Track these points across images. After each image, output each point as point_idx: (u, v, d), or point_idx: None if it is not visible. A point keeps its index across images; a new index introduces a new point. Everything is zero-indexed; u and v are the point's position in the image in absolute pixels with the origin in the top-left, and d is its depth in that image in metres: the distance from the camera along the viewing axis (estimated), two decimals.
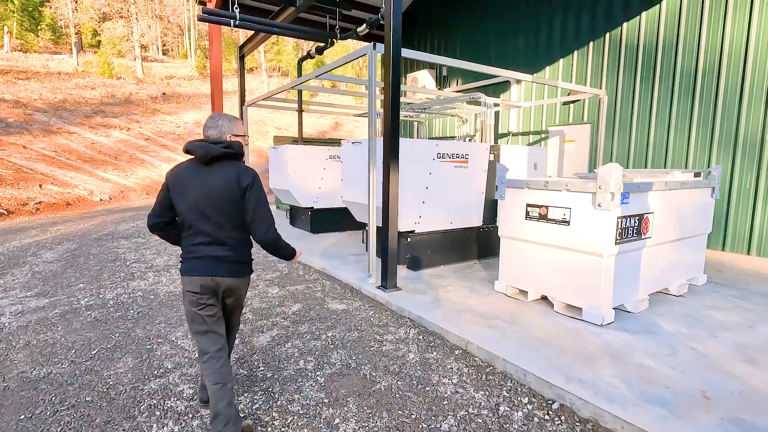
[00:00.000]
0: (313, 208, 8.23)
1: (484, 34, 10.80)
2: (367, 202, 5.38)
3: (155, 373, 3.04)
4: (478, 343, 3.31)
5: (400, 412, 2.57)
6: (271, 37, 10.03)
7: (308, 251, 6.71)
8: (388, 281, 4.60)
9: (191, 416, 2.54)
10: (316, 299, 4.65)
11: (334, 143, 11.18)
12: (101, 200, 14.58)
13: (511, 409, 2.60)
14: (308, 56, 9.23)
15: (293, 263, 3.02)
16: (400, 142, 4.62)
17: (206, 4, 10.22)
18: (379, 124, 6.21)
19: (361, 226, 8.31)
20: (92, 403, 2.67)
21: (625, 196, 3.67)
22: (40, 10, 35.18)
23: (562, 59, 9.12)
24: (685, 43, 7.16)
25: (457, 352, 3.36)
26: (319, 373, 3.04)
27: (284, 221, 9.77)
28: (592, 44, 8.55)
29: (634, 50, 7.87)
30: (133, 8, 37.09)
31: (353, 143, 5.88)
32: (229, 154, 2.23)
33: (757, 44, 6.39)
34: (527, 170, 6.46)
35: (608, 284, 3.68)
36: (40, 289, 5.06)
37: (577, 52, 8.82)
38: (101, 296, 4.76)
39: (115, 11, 39.31)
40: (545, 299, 4.29)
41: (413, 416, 2.53)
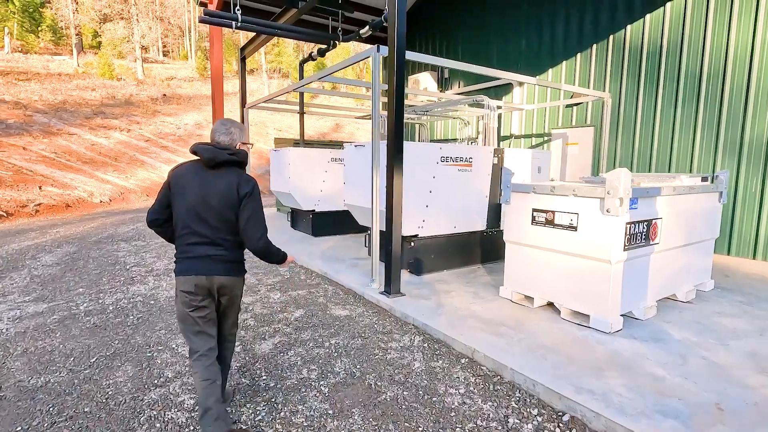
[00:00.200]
0: (314, 211, 8.17)
1: (485, 36, 10.75)
2: (370, 205, 5.32)
3: (155, 382, 2.98)
4: (484, 351, 3.25)
5: (406, 424, 2.51)
6: (272, 38, 9.98)
7: (309, 254, 6.65)
8: (391, 286, 4.54)
9: (192, 428, 2.47)
10: (318, 305, 4.59)
11: (335, 146, 11.12)
12: (101, 202, 14.52)
13: (520, 421, 2.54)
14: (310, 58, 9.18)
15: (284, 267, 3.05)
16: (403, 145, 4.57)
17: (207, 5, 10.19)
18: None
19: (362, 229, 8.26)
20: (91, 414, 2.60)
21: (633, 201, 3.61)
22: (40, 11, 35.18)
23: (564, 61, 9.07)
24: (689, 45, 7.11)
25: (463, 360, 3.29)
26: (323, 382, 2.98)
27: (285, 224, 9.71)
28: (595, 47, 8.50)
29: (637, 53, 7.82)
30: (133, 9, 37.08)
31: (356, 146, 5.82)
32: (234, 161, 2.31)
33: (762, 47, 6.34)
34: (531, 174, 6.41)
35: (616, 291, 3.62)
36: (38, 293, 5.00)
37: (580, 54, 8.77)
38: (100, 301, 4.70)
39: (115, 12, 39.32)
40: (551, 305, 4.22)
41: (420, 429, 2.46)
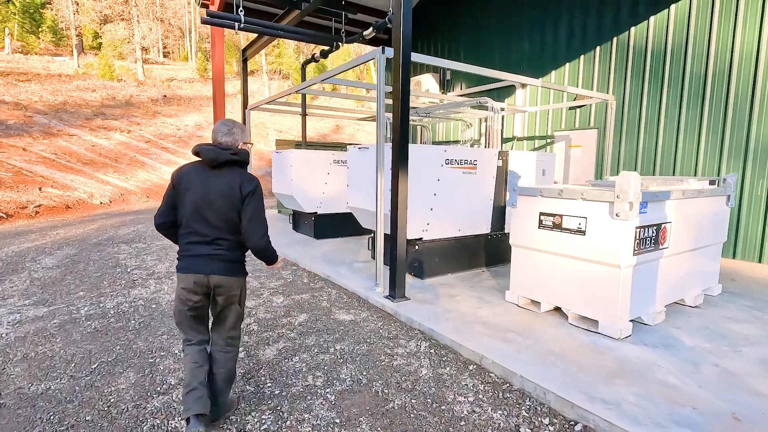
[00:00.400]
0: (316, 213, 8.11)
1: (487, 38, 10.72)
2: (373, 208, 5.27)
3: (158, 389, 2.92)
4: (493, 358, 3.19)
5: None
6: (274, 40, 9.95)
7: (312, 257, 6.59)
8: (396, 291, 4.49)
9: None
10: (322, 309, 4.53)
11: (337, 147, 11.07)
12: (101, 203, 14.46)
13: (532, 430, 2.48)
14: (313, 60, 9.14)
15: (273, 268, 3.08)
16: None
17: (209, 7, 10.15)
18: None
19: (365, 231, 8.20)
20: (92, 422, 2.54)
21: (643, 205, 3.56)
22: (41, 12, 35.14)
23: (568, 63, 9.03)
24: (694, 47, 7.08)
25: (471, 367, 3.24)
26: (329, 390, 2.92)
27: (287, 226, 9.65)
28: (598, 48, 8.46)
29: (642, 55, 7.78)
30: (134, 11, 37.06)
31: (360, 148, 5.77)
32: (236, 160, 2.35)
33: None
34: (535, 176, 6.35)
35: (626, 296, 3.56)
36: (38, 297, 4.94)
37: (583, 56, 8.74)
38: (101, 305, 4.64)
39: (116, 13, 39.30)
40: (558, 310, 4.17)
41: None
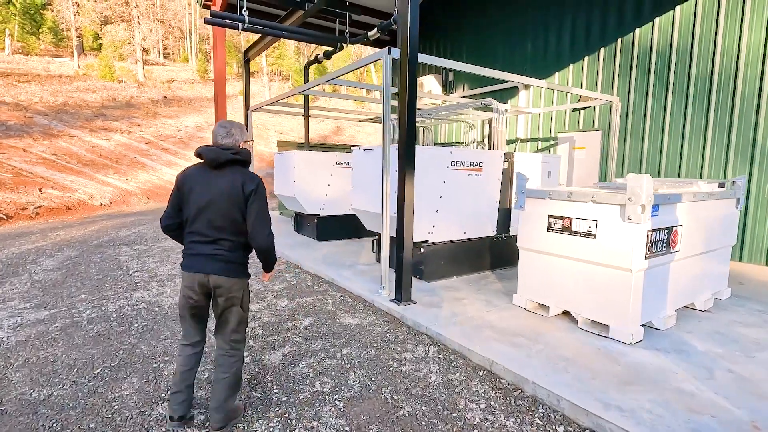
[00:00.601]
0: (319, 215, 8.05)
1: (490, 39, 10.68)
2: (378, 210, 5.22)
3: (163, 396, 2.85)
4: (503, 363, 3.13)
5: None
6: (277, 41, 9.90)
7: (315, 260, 6.53)
8: (402, 294, 4.43)
9: None
10: (327, 313, 4.47)
11: (339, 149, 11.02)
12: (102, 205, 14.40)
13: None
14: (316, 61, 9.09)
15: (269, 279, 3.09)
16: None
17: (211, 7, 10.11)
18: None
19: (368, 233, 8.14)
20: (96, 430, 2.48)
21: (654, 208, 3.51)
22: (41, 13, 35.11)
23: (571, 65, 8.99)
24: (700, 48, 7.04)
25: (481, 372, 3.18)
26: (337, 396, 2.86)
27: (289, 228, 9.59)
28: (603, 50, 8.42)
29: (646, 56, 7.74)
30: (134, 12, 37.05)
31: (365, 150, 5.72)
32: (237, 160, 2.37)
33: None
34: (541, 178, 6.30)
35: (637, 300, 3.51)
36: (39, 300, 4.87)
37: (587, 58, 8.70)
38: (103, 308, 4.58)
39: (116, 15, 39.27)
40: (567, 314, 4.11)
41: None
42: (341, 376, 3.14)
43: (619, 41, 8.15)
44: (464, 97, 11.31)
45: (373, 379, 3.09)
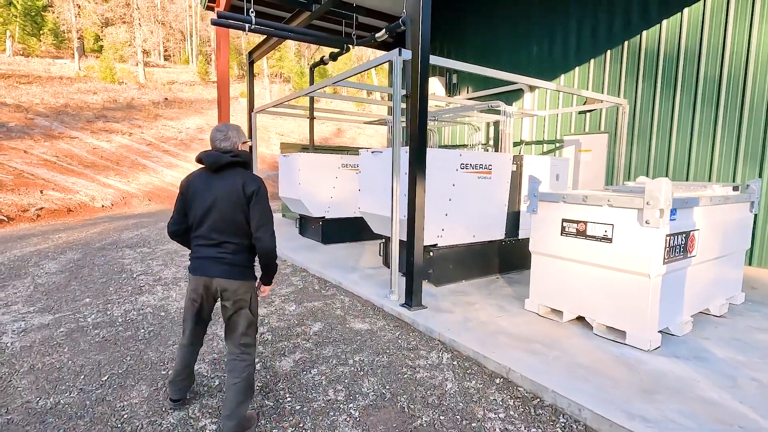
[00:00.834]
0: (324, 217, 7.98)
1: (495, 41, 10.64)
2: (387, 214, 5.16)
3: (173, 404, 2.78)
4: (520, 371, 3.06)
5: None
6: (282, 42, 9.85)
7: (321, 263, 6.46)
8: (413, 299, 4.36)
9: None
10: (336, 317, 4.40)
11: (344, 151, 10.96)
12: (103, 206, 14.32)
13: None
14: (321, 62, 9.04)
15: (269, 291, 3.02)
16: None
17: (215, 9, 10.06)
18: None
19: (373, 236, 8.08)
20: None
21: (672, 212, 3.45)
22: (42, 14, 35.11)
23: (577, 67, 8.94)
24: (708, 50, 6.99)
25: (498, 380, 3.11)
26: (351, 405, 2.79)
27: (293, 231, 9.52)
28: (609, 52, 8.38)
29: (654, 58, 7.69)
30: (135, 14, 37.04)
31: (373, 152, 5.66)
32: (236, 162, 2.38)
33: None
34: (549, 181, 6.24)
35: (655, 306, 3.44)
36: (43, 303, 4.80)
37: (593, 60, 8.65)
38: (109, 313, 4.50)
39: (117, 16, 39.27)
40: (581, 319, 4.04)
41: None
42: (355, 383, 3.06)
43: (626, 43, 8.10)
44: (470, 99, 11.25)
45: (387, 387, 3.02)
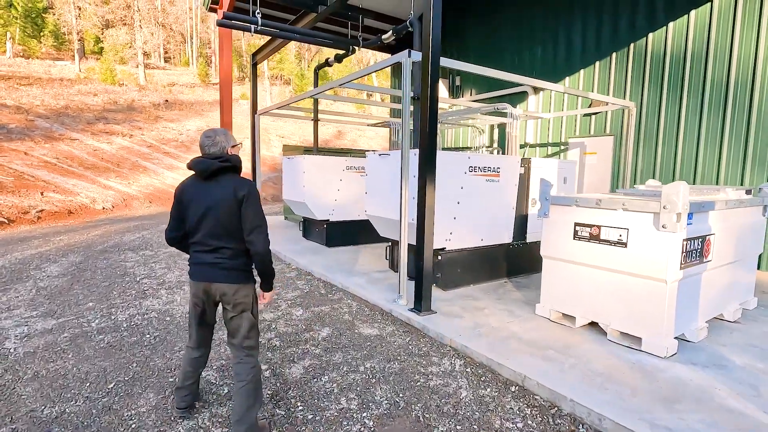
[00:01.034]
0: (328, 220, 7.92)
1: (498, 44, 10.60)
2: (395, 217, 5.10)
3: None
4: (537, 379, 2.99)
5: None
6: (285, 44, 9.81)
7: (326, 267, 6.39)
8: (422, 304, 4.29)
9: None
10: (345, 322, 4.33)
11: (348, 153, 10.90)
12: (104, 208, 14.24)
13: None
14: (326, 64, 9.00)
15: (269, 300, 2.84)
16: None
17: (218, 11, 10.01)
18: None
19: (378, 239, 8.01)
20: None
21: (689, 216, 3.39)
22: (43, 16, 35.09)
23: (582, 70, 8.90)
24: (715, 53, 6.95)
25: (513, 388, 3.04)
26: (365, 414, 2.72)
27: (296, 234, 9.45)
28: (615, 55, 8.34)
29: (660, 61, 7.65)
30: (136, 15, 37.04)
31: (380, 155, 5.60)
32: (226, 167, 2.37)
33: None
34: (557, 184, 6.19)
35: (671, 312, 3.38)
36: (46, 308, 4.72)
37: (599, 63, 8.61)
38: (113, 317, 4.43)
39: (118, 18, 39.27)
40: (594, 325, 3.98)
41: None
42: (367, 391, 2.99)
43: (631, 46, 8.06)
44: (475, 101, 11.21)
45: (401, 395, 2.95)
